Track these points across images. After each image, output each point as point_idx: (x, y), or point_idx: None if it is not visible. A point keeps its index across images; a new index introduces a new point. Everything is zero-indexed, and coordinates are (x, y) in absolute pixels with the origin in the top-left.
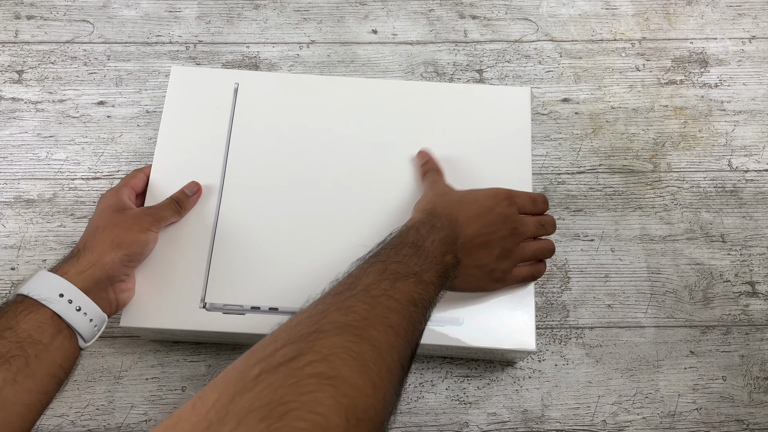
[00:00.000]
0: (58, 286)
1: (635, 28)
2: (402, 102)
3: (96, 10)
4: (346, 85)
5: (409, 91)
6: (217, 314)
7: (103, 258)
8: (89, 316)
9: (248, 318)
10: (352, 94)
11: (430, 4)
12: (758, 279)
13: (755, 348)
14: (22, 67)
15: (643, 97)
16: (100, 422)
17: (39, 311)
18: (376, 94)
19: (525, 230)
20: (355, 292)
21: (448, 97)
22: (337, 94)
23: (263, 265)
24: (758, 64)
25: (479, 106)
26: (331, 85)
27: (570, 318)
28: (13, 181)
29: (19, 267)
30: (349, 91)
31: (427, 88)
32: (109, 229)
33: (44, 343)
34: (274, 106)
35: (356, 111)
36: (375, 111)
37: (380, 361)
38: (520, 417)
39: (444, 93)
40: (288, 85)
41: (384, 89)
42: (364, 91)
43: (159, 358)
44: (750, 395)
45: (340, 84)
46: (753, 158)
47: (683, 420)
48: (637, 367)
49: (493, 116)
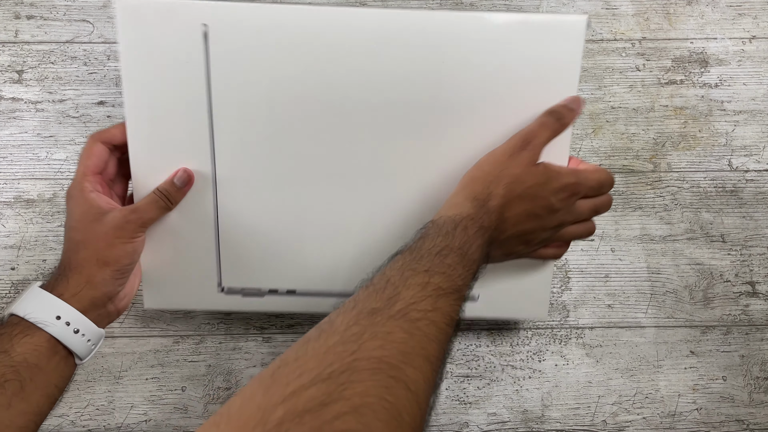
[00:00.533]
0: (55, 307)
1: (635, 28)
2: (423, 39)
3: (96, 10)
4: (350, 18)
5: (431, 24)
6: (237, 297)
7: (93, 279)
8: (87, 337)
9: (267, 299)
10: (358, 31)
11: (430, 4)
12: (758, 279)
13: (755, 348)
14: (22, 67)
15: (643, 97)
16: (100, 422)
17: (35, 334)
18: (388, 30)
19: (573, 219)
20: (393, 313)
21: (481, 32)
22: (340, 31)
23: (274, 246)
24: (758, 64)
25: (521, 43)
26: (332, 17)
27: (570, 318)
28: (13, 181)
29: (19, 267)
30: (354, 26)
31: (456, 20)
32: (91, 245)
33: (40, 366)
34: (260, 54)
35: (367, 53)
36: (390, 53)
37: (415, 406)
38: (520, 417)
39: (476, 27)
40: (275, 24)
41: (398, 22)
42: (374, 26)
43: (159, 358)
44: (750, 395)
45: (343, 17)
46: (753, 158)
47: (683, 420)
48: (637, 367)
49: (538, 55)
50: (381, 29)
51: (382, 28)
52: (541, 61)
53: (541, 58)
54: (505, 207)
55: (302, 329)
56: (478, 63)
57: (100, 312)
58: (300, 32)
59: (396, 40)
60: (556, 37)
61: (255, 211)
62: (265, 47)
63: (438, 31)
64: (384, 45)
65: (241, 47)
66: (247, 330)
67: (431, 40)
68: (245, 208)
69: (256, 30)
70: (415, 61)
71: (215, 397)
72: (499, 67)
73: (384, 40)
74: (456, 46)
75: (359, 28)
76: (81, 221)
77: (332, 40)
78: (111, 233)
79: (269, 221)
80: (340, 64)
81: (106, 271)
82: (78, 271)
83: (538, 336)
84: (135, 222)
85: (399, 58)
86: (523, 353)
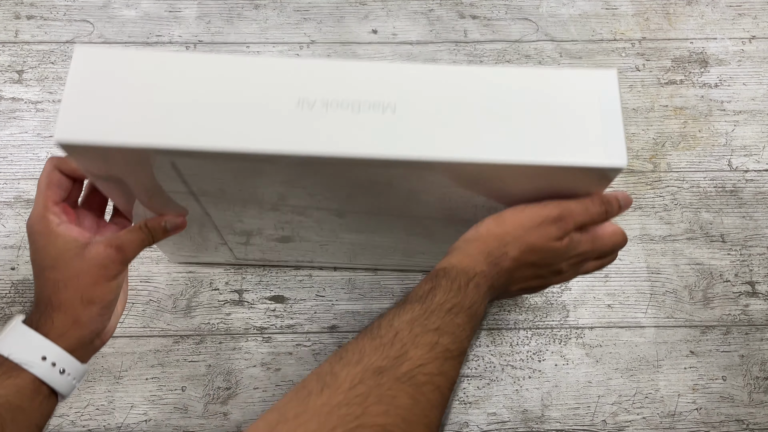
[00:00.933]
0: (41, 348)
1: (635, 28)
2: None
3: (96, 10)
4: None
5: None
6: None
7: (79, 318)
8: (72, 376)
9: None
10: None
11: (430, 4)
12: (758, 279)
13: (755, 348)
14: (22, 67)
15: (643, 97)
16: (100, 422)
17: (19, 375)
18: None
19: (574, 274)
20: (400, 375)
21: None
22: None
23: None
24: (758, 64)
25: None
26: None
27: (570, 318)
28: (13, 181)
29: (19, 267)
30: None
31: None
32: (73, 285)
33: (22, 407)
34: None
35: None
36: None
37: None
38: (520, 417)
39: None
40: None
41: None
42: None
43: (159, 358)
44: (750, 395)
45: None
46: (753, 158)
47: (683, 420)
48: (637, 367)
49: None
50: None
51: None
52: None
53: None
54: (515, 269)
55: (302, 329)
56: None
57: (87, 349)
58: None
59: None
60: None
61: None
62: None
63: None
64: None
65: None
66: (247, 330)
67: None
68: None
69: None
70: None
71: (215, 397)
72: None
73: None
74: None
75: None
76: (58, 259)
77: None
78: (94, 272)
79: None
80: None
81: (92, 309)
82: (62, 311)
83: (538, 336)
84: (118, 261)
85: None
86: (522, 353)
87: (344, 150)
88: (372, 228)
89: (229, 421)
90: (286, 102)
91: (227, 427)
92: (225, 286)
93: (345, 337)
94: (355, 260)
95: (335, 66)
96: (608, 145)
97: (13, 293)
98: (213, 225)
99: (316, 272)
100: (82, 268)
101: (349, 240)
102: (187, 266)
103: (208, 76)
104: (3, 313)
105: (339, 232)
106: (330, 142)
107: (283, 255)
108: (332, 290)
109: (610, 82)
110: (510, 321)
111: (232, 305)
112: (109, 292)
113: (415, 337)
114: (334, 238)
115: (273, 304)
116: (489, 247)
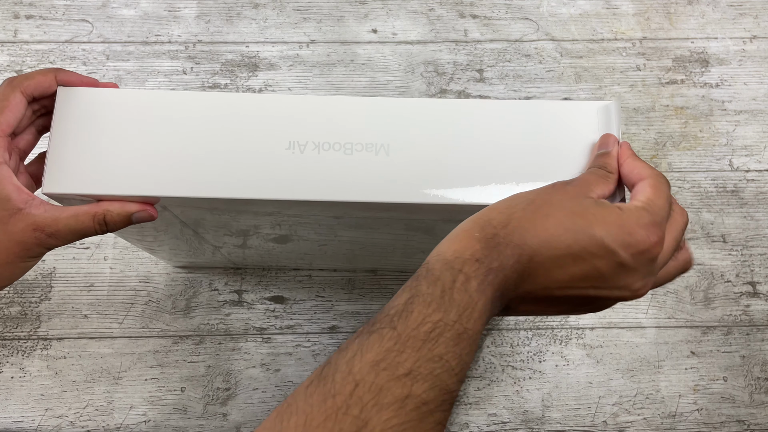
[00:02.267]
0: None
1: (636, 28)
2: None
3: (95, 10)
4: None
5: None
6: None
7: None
8: None
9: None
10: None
11: (431, 4)
12: (759, 279)
13: (756, 348)
14: (21, 66)
15: (644, 96)
16: (99, 423)
17: None
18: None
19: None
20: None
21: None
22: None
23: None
24: (759, 63)
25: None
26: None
27: (570, 318)
28: None
29: None
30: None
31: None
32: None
33: None
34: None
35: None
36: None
37: None
38: (520, 418)
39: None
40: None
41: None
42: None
43: (158, 359)
44: (751, 396)
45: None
46: (754, 158)
47: (684, 421)
48: (638, 367)
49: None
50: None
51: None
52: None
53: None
54: (548, 261)
55: (302, 329)
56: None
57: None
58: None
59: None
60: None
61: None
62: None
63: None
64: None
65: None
66: (247, 330)
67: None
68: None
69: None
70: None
71: (214, 398)
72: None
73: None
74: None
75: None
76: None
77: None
78: (13, 250)
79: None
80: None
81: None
82: None
83: (539, 336)
84: (46, 246)
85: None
86: (523, 354)
87: (337, 195)
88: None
89: (229, 422)
90: (276, 145)
91: (226, 428)
92: (224, 286)
93: (345, 337)
94: (354, 262)
95: (327, 103)
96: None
97: (13, 293)
98: (204, 240)
99: (315, 272)
100: (0, 241)
101: (348, 238)
102: (186, 267)
103: (195, 116)
104: (2, 313)
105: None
106: (322, 187)
107: (281, 258)
108: (332, 290)
109: (612, 113)
110: (510, 321)
111: (231, 306)
112: (18, 274)
113: (378, 391)
114: (333, 236)
115: (272, 304)
116: (487, 216)
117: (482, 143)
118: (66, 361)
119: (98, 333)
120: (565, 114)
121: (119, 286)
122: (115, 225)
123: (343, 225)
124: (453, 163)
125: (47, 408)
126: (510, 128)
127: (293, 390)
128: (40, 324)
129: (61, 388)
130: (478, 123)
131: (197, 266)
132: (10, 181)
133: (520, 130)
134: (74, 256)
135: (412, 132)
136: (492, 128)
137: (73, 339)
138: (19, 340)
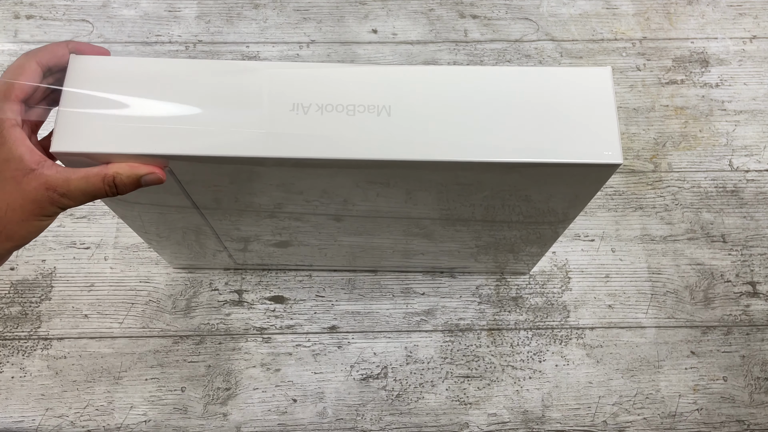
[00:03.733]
0: None
1: (636, 28)
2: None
3: (95, 10)
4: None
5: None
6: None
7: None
8: None
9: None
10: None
11: (431, 4)
12: (759, 279)
13: (756, 348)
14: None
15: (644, 96)
16: (99, 423)
17: None
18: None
19: None
20: None
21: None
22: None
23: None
24: (759, 63)
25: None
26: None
27: (571, 318)
28: None
29: (18, 267)
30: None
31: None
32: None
33: None
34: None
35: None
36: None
37: None
38: (520, 417)
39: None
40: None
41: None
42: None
43: (158, 359)
44: (751, 396)
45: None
46: (754, 158)
47: (684, 420)
48: (638, 367)
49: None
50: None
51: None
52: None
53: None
54: None
55: (302, 329)
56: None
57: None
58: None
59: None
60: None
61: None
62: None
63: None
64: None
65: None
66: (247, 330)
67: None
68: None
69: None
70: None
71: (215, 398)
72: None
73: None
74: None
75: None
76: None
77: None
78: (28, 208)
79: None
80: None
81: (5, 246)
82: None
83: (539, 336)
84: (59, 205)
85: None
86: (523, 353)
87: (339, 153)
88: (370, 230)
89: (229, 422)
90: (281, 106)
91: (227, 428)
92: (225, 286)
93: (345, 337)
94: (354, 263)
95: (330, 71)
96: (604, 143)
97: (13, 293)
98: (212, 232)
99: (316, 273)
100: (16, 199)
101: (348, 243)
102: (187, 267)
103: (202, 82)
104: (3, 313)
105: (337, 235)
106: (325, 146)
107: (282, 260)
108: (332, 290)
109: (604, 80)
110: (510, 321)
111: (231, 305)
112: (34, 232)
113: None
114: (333, 241)
115: (273, 304)
116: None
117: (481, 104)
118: (66, 361)
119: (98, 333)
120: (561, 78)
121: (119, 285)
122: (125, 187)
123: (343, 230)
124: (453, 123)
125: (47, 408)
126: (507, 91)
127: (293, 389)
128: (41, 324)
129: (61, 388)
130: (477, 87)
131: (198, 267)
132: (23, 143)
133: (516, 93)
134: (75, 256)
135: (414, 95)
136: (490, 91)
137: (73, 339)
138: (20, 340)
